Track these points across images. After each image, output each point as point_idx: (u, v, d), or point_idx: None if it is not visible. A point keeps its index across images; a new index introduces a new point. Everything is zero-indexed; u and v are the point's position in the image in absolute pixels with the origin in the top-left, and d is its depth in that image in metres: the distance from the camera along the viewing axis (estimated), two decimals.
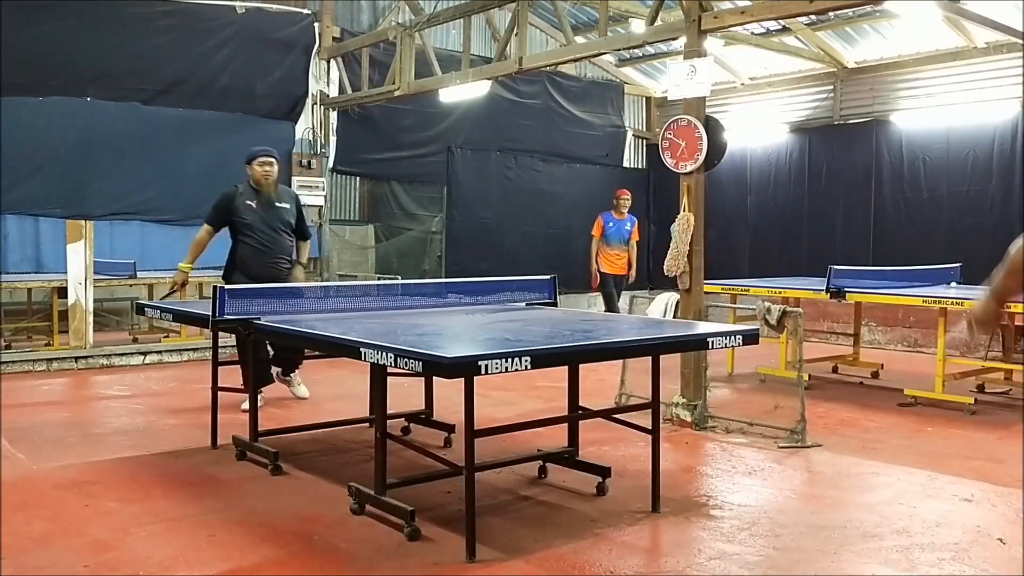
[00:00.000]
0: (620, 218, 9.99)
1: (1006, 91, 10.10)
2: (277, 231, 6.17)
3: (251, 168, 6.15)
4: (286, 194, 6.37)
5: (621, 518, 3.95)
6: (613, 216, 9.98)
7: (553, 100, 13.12)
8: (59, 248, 8.52)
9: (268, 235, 6.13)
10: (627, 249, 10.03)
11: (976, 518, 4.00)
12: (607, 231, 9.95)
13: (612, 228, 9.95)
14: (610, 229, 9.94)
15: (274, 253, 6.15)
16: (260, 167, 6.11)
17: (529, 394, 6.87)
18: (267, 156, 6.16)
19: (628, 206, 10.01)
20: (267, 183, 6.14)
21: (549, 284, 5.52)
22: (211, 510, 4.05)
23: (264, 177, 6.12)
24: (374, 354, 3.41)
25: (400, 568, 3.38)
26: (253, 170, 6.14)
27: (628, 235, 10.01)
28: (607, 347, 3.76)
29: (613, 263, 9.97)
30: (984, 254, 7.46)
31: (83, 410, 6.63)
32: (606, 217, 10.00)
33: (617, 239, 9.96)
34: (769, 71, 12.63)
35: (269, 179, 6.14)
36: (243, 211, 6.09)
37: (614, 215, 9.98)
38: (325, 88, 11.17)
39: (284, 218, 6.21)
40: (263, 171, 6.11)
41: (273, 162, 6.17)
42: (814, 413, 6.10)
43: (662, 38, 7.34)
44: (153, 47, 9.84)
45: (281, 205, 6.22)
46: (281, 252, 6.21)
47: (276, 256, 6.16)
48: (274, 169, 6.17)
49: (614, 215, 9.98)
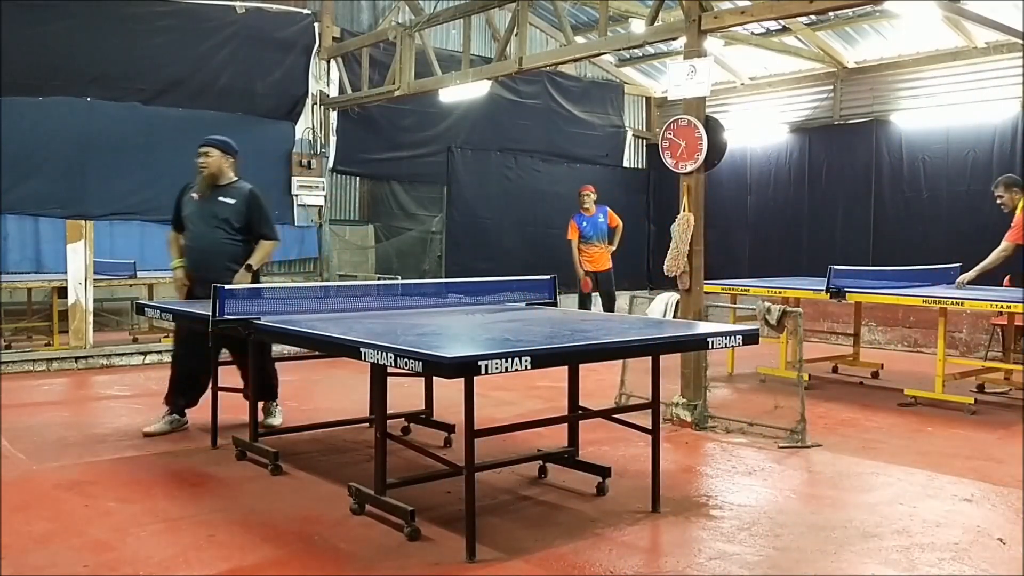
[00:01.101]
0: (590, 214, 9.95)
1: (1006, 91, 10.10)
2: (211, 226, 5.58)
3: None
4: (236, 191, 5.67)
5: (621, 518, 3.95)
6: (583, 215, 9.95)
7: (553, 100, 13.13)
8: (59, 248, 8.52)
9: (200, 228, 5.60)
10: (606, 243, 10.00)
11: (976, 518, 4.00)
12: (584, 231, 9.92)
13: (587, 226, 9.93)
14: (586, 228, 9.93)
15: (206, 249, 5.59)
16: (197, 158, 5.65)
17: (529, 394, 6.87)
18: (202, 146, 5.64)
19: (592, 200, 9.97)
20: (200, 175, 5.62)
21: (549, 284, 5.52)
22: (211, 510, 4.05)
23: (198, 169, 5.63)
24: (374, 354, 3.41)
25: (400, 568, 3.38)
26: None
27: (605, 228, 9.98)
28: (607, 347, 3.75)
29: (595, 260, 9.95)
30: (984, 254, 7.47)
31: (83, 410, 6.63)
32: (578, 218, 9.97)
33: (595, 235, 9.93)
34: (769, 71, 12.63)
35: (203, 171, 5.61)
36: (185, 204, 5.70)
37: (583, 213, 9.95)
38: (325, 88, 11.18)
39: (220, 214, 5.59)
40: (198, 163, 5.63)
41: (208, 151, 5.61)
42: (814, 413, 6.10)
43: (662, 38, 7.34)
44: (153, 47, 9.86)
45: (224, 200, 5.62)
46: (215, 249, 5.58)
47: (209, 253, 5.58)
48: (210, 160, 5.60)
49: (583, 213, 9.95)
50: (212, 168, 5.61)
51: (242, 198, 5.64)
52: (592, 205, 9.98)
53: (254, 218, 5.66)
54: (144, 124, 9.86)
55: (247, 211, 5.64)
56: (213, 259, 5.55)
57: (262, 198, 5.75)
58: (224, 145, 5.69)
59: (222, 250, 5.59)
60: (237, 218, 5.61)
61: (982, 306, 6.39)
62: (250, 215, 5.64)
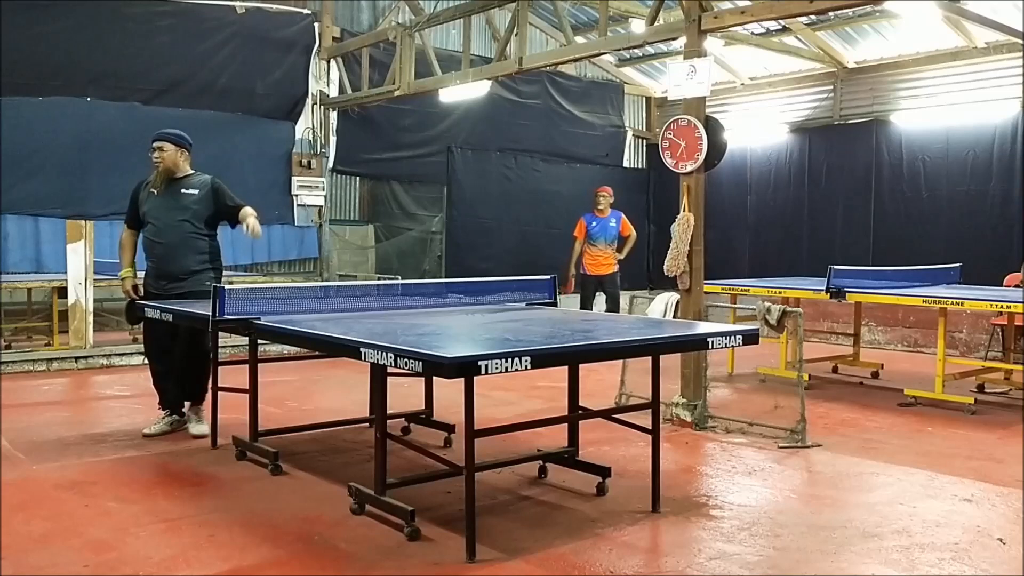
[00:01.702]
0: (602, 216, 9.69)
1: (1006, 91, 10.10)
2: (177, 220, 5.48)
3: None
4: (197, 182, 5.59)
5: (621, 518, 3.95)
6: (595, 215, 9.72)
7: (553, 100, 13.13)
8: (59, 248, 8.52)
9: (164, 222, 5.47)
10: (613, 248, 9.74)
11: (976, 518, 4.00)
12: (591, 231, 9.67)
13: (596, 227, 9.66)
14: (594, 228, 9.66)
15: (172, 243, 5.46)
16: (151, 153, 5.53)
17: (529, 394, 6.87)
18: (155, 140, 5.54)
19: (609, 203, 9.72)
20: (154, 170, 5.55)
21: (549, 284, 5.52)
22: (211, 510, 4.05)
23: (152, 163, 5.54)
24: (374, 354, 3.41)
25: (400, 568, 3.38)
26: None
27: (614, 232, 9.73)
28: (607, 347, 3.75)
29: (599, 263, 9.68)
30: (984, 254, 7.51)
31: (83, 410, 6.63)
32: (588, 217, 9.74)
33: (602, 238, 9.68)
34: (769, 71, 12.63)
35: (158, 165, 5.52)
36: (143, 201, 5.58)
37: (596, 214, 9.71)
38: (325, 88, 11.18)
39: (186, 206, 5.50)
40: (152, 157, 5.53)
41: (161, 146, 5.50)
42: (814, 413, 6.10)
43: (662, 38, 7.34)
44: (153, 47, 9.85)
45: (187, 192, 5.52)
46: (183, 243, 5.48)
47: (176, 247, 5.47)
48: (164, 154, 5.49)
49: (596, 214, 9.71)
50: (167, 163, 5.53)
51: (205, 187, 5.57)
52: (607, 207, 9.71)
53: (224, 200, 5.59)
54: (144, 124, 9.78)
55: (214, 197, 5.56)
56: (181, 253, 5.49)
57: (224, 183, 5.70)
58: (178, 139, 5.62)
59: (190, 244, 5.51)
60: (204, 208, 5.53)
61: (982, 306, 6.38)
62: (218, 200, 5.57)
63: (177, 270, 5.49)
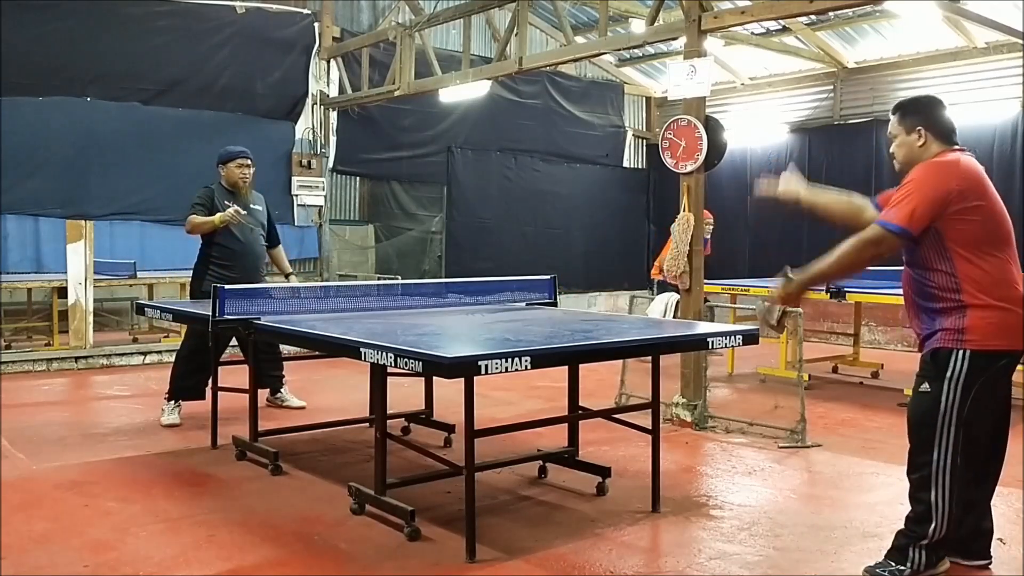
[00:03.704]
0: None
1: (1006, 91, 10.10)
2: (256, 234, 6.01)
3: (227, 169, 5.94)
4: (258, 199, 6.15)
5: (621, 518, 3.95)
6: None
7: (553, 100, 13.13)
8: (59, 248, 8.52)
9: (247, 235, 5.93)
10: None
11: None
12: None
13: None
14: None
15: (253, 256, 5.97)
16: (239, 168, 5.93)
17: (529, 394, 6.87)
18: (245, 158, 5.97)
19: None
20: (244, 185, 5.97)
21: (549, 284, 5.52)
22: (211, 510, 4.05)
23: (243, 179, 5.95)
24: (374, 354, 3.41)
25: (400, 568, 3.38)
26: (230, 171, 5.93)
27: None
28: (607, 347, 3.75)
29: None
30: None
31: (83, 410, 6.63)
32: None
33: None
34: (769, 71, 12.63)
35: (247, 181, 5.98)
36: (222, 211, 5.84)
37: None
38: (325, 88, 11.18)
39: (260, 219, 6.06)
40: (241, 173, 5.93)
41: (251, 163, 6.01)
42: (814, 413, 6.10)
43: (662, 38, 7.34)
44: (153, 47, 9.85)
45: (255, 208, 6.04)
46: (258, 256, 6.04)
47: (256, 258, 6.00)
48: (251, 171, 6.01)
49: None
50: (251, 180, 6.06)
51: (263, 204, 6.16)
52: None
53: (272, 223, 6.26)
54: (144, 124, 9.86)
55: (269, 216, 6.22)
56: (258, 263, 6.05)
57: None
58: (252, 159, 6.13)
59: (261, 254, 6.11)
60: (266, 222, 6.16)
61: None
62: (270, 219, 6.23)
63: (257, 278, 5.93)
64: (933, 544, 3.14)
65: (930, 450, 3.13)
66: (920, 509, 3.17)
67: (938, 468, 3.11)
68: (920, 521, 3.16)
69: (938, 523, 3.11)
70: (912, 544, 3.17)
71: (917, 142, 3.31)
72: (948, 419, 3.09)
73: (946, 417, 3.09)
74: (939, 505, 3.10)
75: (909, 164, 3.32)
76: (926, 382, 3.17)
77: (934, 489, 3.11)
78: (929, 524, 3.12)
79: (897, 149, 3.39)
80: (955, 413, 3.08)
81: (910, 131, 3.33)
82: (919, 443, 3.22)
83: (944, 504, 3.10)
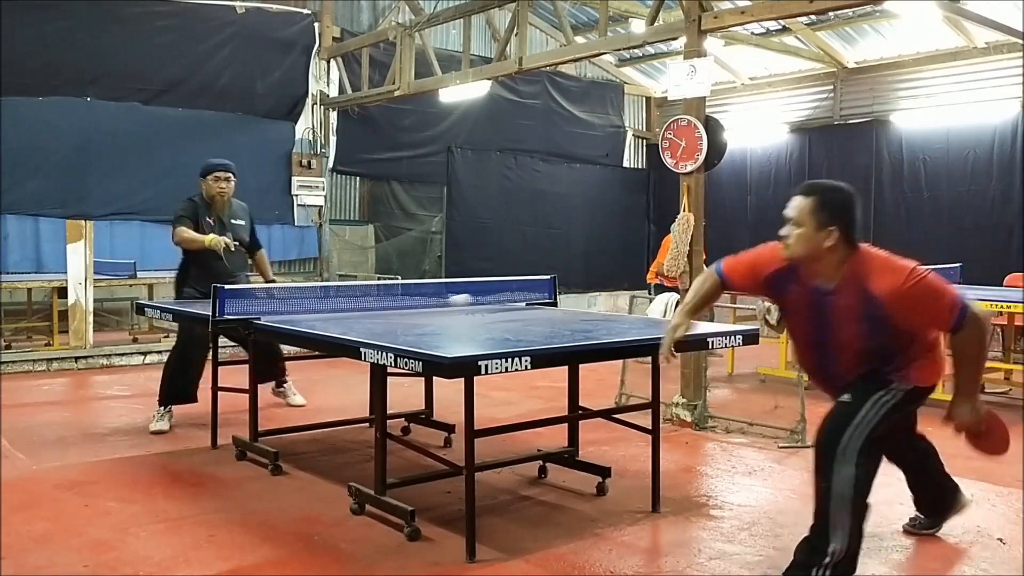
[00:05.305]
0: None
1: (1006, 91, 10.11)
2: (235, 253, 5.72)
3: (205, 182, 5.69)
4: (240, 210, 5.88)
5: (621, 518, 3.95)
6: None
7: (553, 100, 13.14)
8: (59, 248, 8.52)
9: (228, 259, 5.62)
10: None
11: (976, 518, 4.00)
12: None
13: None
14: None
15: (229, 272, 5.57)
16: (215, 182, 5.65)
17: (529, 394, 6.87)
18: (224, 171, 5.69)
19: None
20: (221, 200, 5.69)
21: (549, 284, 5.52)
22: (211, 510, 4.05)
23: (220, 194, 5.67)
24: (374, 354, 3.41)
25: (400, 568, 3.38)
26: (208, 185, 5.67)
27: None
28: (607, 347, 3.76)
29: None
30: (984, 254, 7.50)
31: (83, 410, 6.63)
32: None
33: None
34: (769, 71, 12.64)
35: (224, 197, 5.70)
36: (204, 228, 5.65)
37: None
38: (325, 88, 11.18)
39: (239, 235, 5.76)
40: (218, 187, 5.66)
41: (229, 177, 5.71)
42: (814, 413, 6.07)
43: (662, 38, 7.34)
44: (153, 47, 9.86)
45: (236, 222, 5.78)
46: (237, 270, 5.73)
47: (237, 278, 5.64)
48: (230, 186, 5.71)
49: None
50: (230, 194, 5.79)
51: (246, 214, 5.92)
52: None
53: (254, 231, 6.01)
54: (144, 124, 9.86)
55: (251, 226, 5.96)
56: (240, 280, 5.70)
57: None
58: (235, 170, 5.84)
59: (242, 267, 5.88)
60: (247, 235, 5.91)
61: (982, 306, 6.36)
62: (252, 229, 5.98)
63: None
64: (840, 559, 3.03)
65: None
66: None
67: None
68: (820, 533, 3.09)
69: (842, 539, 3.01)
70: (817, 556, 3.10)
71: (826, 241, 3.01)
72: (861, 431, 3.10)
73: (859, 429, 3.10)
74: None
75: (805, 259, 3.09)
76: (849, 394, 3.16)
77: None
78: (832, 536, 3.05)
79: (797, 239, 3.07)
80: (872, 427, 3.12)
81: (821, 228, 3.01)
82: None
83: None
